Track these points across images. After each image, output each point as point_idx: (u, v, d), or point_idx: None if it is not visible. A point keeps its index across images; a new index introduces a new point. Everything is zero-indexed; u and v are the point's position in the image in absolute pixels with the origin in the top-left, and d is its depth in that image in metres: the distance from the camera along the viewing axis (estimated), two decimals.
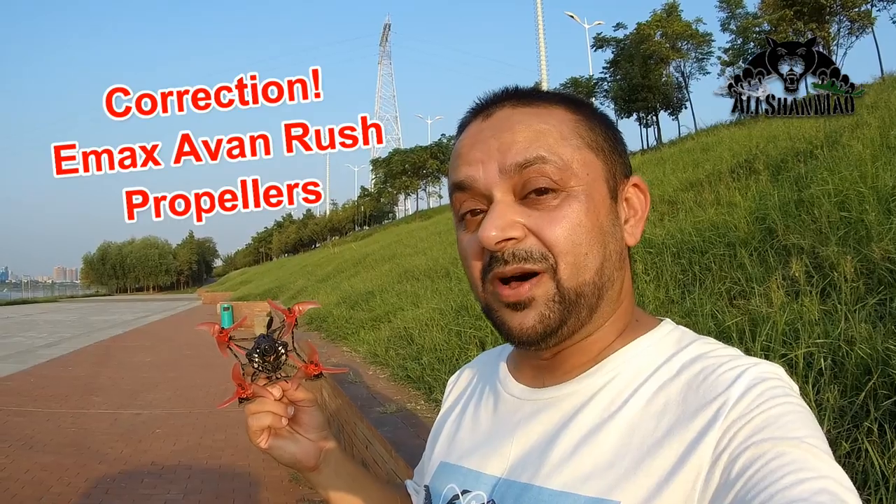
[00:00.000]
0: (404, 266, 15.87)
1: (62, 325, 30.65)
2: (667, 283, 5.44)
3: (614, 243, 0.90)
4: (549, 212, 0.86)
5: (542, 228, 0.85)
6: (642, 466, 0.77)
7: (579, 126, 0.91)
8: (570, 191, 0.86)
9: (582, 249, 0.86)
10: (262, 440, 1.09)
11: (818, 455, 0.68)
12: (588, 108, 0.95)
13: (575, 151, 0.88)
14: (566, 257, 0.85)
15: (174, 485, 6.68)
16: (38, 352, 18.67)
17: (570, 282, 0.86)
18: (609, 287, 0.89)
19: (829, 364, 3.22)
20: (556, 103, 0.93)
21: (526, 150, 0.86)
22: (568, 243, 0.85)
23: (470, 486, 0.96)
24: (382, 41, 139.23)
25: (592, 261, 0.86)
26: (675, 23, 37.12)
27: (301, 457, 1.12)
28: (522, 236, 0.86)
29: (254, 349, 1.06)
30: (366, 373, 7.19)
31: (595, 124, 0.93)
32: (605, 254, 0.88)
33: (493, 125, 0.91)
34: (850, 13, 28.61)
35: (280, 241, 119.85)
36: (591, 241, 0.86)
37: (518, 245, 0.86)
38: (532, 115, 0.90)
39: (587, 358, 0.92)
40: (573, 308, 0.87)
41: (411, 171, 63.85)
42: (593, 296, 0.87)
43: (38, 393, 11.78)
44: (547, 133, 0.88)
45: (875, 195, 4.91)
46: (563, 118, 0.91)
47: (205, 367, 14.64)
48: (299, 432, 1.13)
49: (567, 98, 0.95)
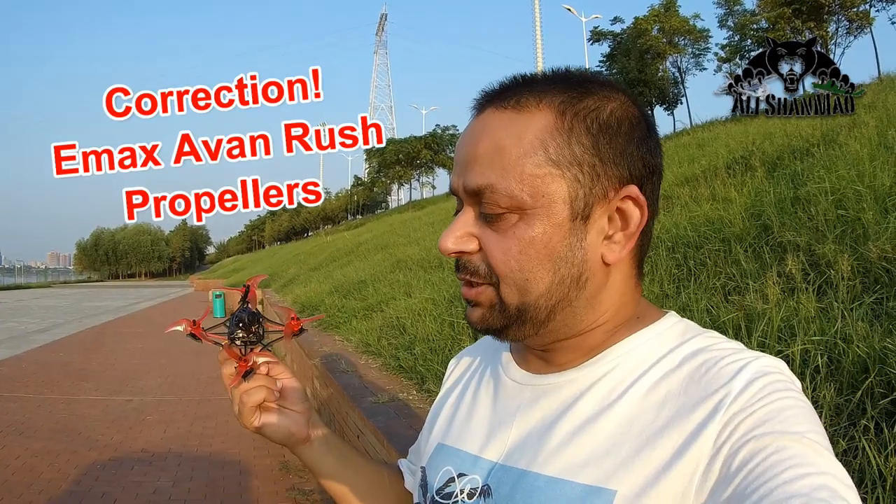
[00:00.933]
0: (397, 256, 15.87)
1: (55, 311, 30.64)
2: (661, 278, 5.44)
3: (568, 268, 0.86)
4: (500, 233, 0.86)
5: (490, 248, 0.87)
6: (640, 456, 0.77)
7: (555, 136, 0.85)
8: (524, 212, 0.85)
9: (524, 275, 0.86)
10: (254, 419, 1.09)
11: (819, 451, 0.68)
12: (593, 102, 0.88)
13: (535, 169, 0.84)
14: (506, 280, 0.86)
15: (164, 472, 6.68)
16: (31, 337, 18.66)
17: (511, 300, 0.87)
18: (564, 306, 0.88)
19: (826, 362, 3.23)
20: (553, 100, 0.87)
21: (479, 175, 0.86)
22: (508, 268, 0.86)
23: (466, 469, 0.96)
24: (379, 31, 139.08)
25: (536, 285, 0.86)
26: (672, 18, 37.13)
27: (294, 429, 1.13)
28: (475, 250, 0.88)
29: (235, 325, 1.07)
30: (358, 362, 7.20)
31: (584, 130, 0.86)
32: (553, 279, 0.86)
33: (473, 128, 0.91)
34: (849, 13, 28.64)
35: (273, 229, 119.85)
36: (537, 267, 0.85)
37: (469, 258, 0.89)
38: (505, 123, 0.86)
39: (588, 347, 0.92)
40: (514, 320, 0.89)
41: (405, 160, 63.83)
42: (541, 312, 0.88)
43: (29, 378, 11.78)
44: (507, 150, 0.85)
45: (872, 194, 4.92)
46: (539, 126, 0.85)
47: (196, 354, 14.63)
48: (285, 406, 1.13)
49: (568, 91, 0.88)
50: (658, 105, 39.72)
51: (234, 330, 1.06)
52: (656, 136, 0.93)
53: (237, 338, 1.06)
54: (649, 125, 0.92)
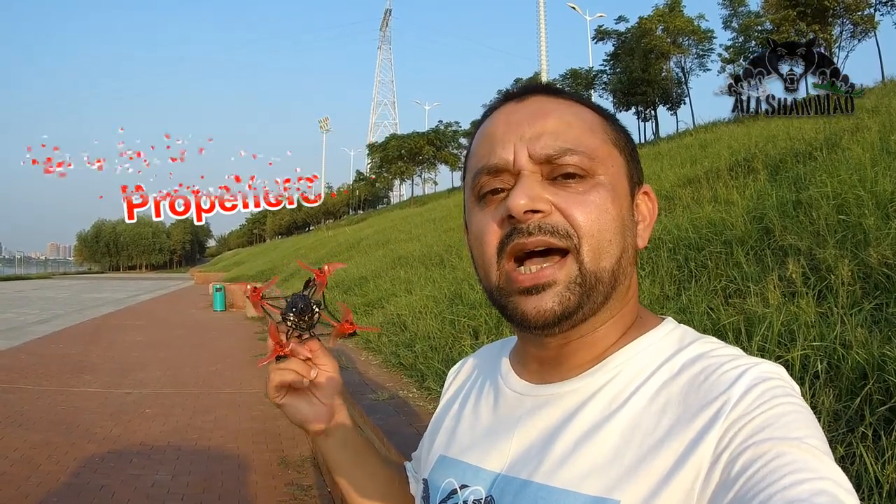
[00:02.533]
0: (398, 252, 15.88)
1: (55, 302, 30.62)
2: (662, 279, 5.45)
3: (632, 238, 0.92)
4: (577, 195, 0.87)
5: (570, 207, 0.86)
6: (643, 465, 0.77)
7: (604, 124, 0.95)
8: (597, 179, 0.88)
9: (606, 235, 0.87)
10: (278, 395, 1.10)
11: (818, 456, 0.68)
12: (608, 114, 0.99)
13: (602, 144, 0.91)
14: (590, 240, 0.86)
15: (163, 465, 6.67)
16: (30, 328, 18.64)
17: (592, 265, 0.86)
18: (623, 279, 0.90)
19: (825, 367, 3.23)
20: (581, 103, 0.96)
21: (555, 141, 0.88)
22: (594, 227, 0.86)
23: (469, 480, 0.96)
24: (383, 26, 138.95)
25: (614, 248, 0.87)
26: (677, 18, 37.13)
27: (312, 418, 1.13)
28: (550, 211, 0.86)
29: (289, 307, 1.07)
30: (358, 358, 7.20)
31: (616, 129, 0.97)
32: (624, 245, 0.89)
33: (526, 109, 0.92)
34: (853, 16, 28.62)
35: (274, 223, 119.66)
36: (614, 230, 0.87)
37: (545, 219, 0.86)
38: (563, 106, 0.93)
39: (592, 355, 0.92)
40: (591, 292, 0.87)
41: (407, 156, 63.82)
42: (609, 284, 0.88)
43: (29, 370, 11.76)
44: (576, 125, 0.90)
45: (874, 200, 4.92)
46: (589, 114, 0.95)
47: (196, 346, 14.65)
48: (315, 395, 1.13)
49: (589, 102, 0.99)
50: (661, 105, 39.72)
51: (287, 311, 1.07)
52: None
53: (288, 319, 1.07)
54: None
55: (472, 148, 0.99)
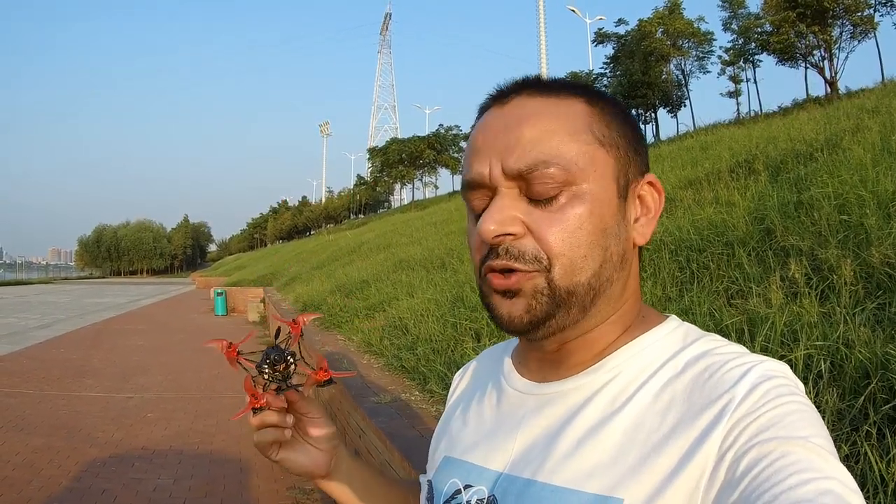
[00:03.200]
0: (399, 255, 15.88)
1: (56, 307, 30.63)
2: (664, 281, 5.44)
3: (616, 245, 0.88)
4: (552, 212, 0.85)
5: (541, 229, 0.85)
6: (646, 464, 0.76)
7: (593, 120, 0.89)
8: (574, 190, 0.85)
9: (580, 252, 0.85)
10: (272, 453, 1.10)
11: (823, 455, 0.67)
12: (607, 101, 0.93)
13: (584, 147, 0.86)
14: (561, 259, 0.84)
15: (165, 469, 6.68)
16: (32, 333, 18.64)
17: (563, 281, 0.85)
18: (607, 288, 0.88)
19: (828, 367, 3.23)
20: (574, 93, 0.91)
21: (529, 154, 0.85)
22: (565, 245, 0.84)
23: (472, 480, 0.95)
24: (383, 30, 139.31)
25: (590, 263, 0.85)
26: (676, 20, 37.16)
27: (312, 467, 1.13)
28: (521, 233, 0.85)
29: (263, 360, 1.07)
30: (360, 362, 7.19)
31: (612, 119, 0.91)
32: (604, 256, 0.87)
33: (505, 114, 0.89)
34: (853, 17, 28.63)
35: (275, 228, 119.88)
36: (591, 244, 0.85)
37: (514, 242, 0.85)
38: (544, 107, 0.88)
39: (591, 353, 0.91)
40: (562, 305, 0.86)
41: (408, 160, 63.95)
42: (587, 296, 0.87)
43: (30, 374, 11.77)
44: (554, 131, 0.86)
45: (875, 200, 4.93)
46: (577, 111, 0.89)
47: (197, 351, 14.64)
48: (309, 442, 1.13)
49: (586, 89, 0.93)
50: (661, 107, 39.76)
51: (262, 364, 1.07)
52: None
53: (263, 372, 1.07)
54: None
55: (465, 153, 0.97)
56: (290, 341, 1.10)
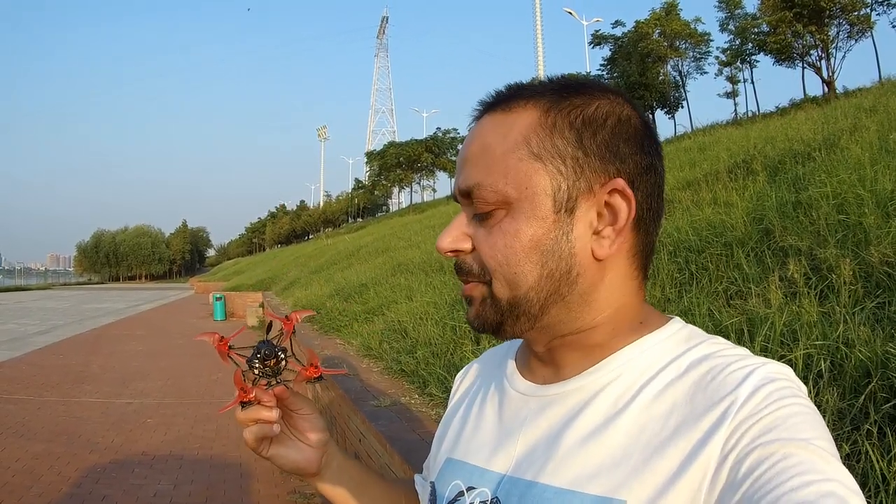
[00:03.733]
0: (398, 259, 15.88)
1: (55, 313, 30.61)
2: (663, 282, 5.44)
3: (556, 261, 0.86)
4: (489, 229, 0.89)
5: (480, 245, 0.90)
6: (649, 465, 0.76)
7: (538, 131, 0.87)
8: (510, 207, 0.87)
9: (511, 269, 0.87)
10: (262, 449, 1.10)
11: (825, 457, 0.67)
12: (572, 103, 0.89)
13: (518, 164, 0.86)
14: (496, 274, 0.88)
15: (165, 475, 6.68)
16: (31, 339, 18.63)
17: (501, 294, 0.89)
18: (556, 300, 0.88)
19: (828, 366, 3.23)
20: (534, 102, 0.89)
21: (468, 176, 0.90)
22: (497, 262, 0.87)
23: (475, 482, 0.96)
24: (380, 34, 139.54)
25: (525, 278, 0.87)
26: (673, 22, 37.21)
27: (303, 464, 1.14)
28: (469, 249, 0.92)
29: (254, 355, 1.08)
30: (359, 365, 7.19)
31: (567, 127, 0.87)
32: (542, 272, 0.86)
33: (468, 136, 0.94)
34: (850, 17, 28.69)
35: (273, 232, 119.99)
36: (524, 260, 0.86)
37: (463, 258, 0.92)
38: (495, 125, 0.90)
39: (590, 354, 0.91)
40: (507, 314, 0.89)
41: (406, 164, 63.98)
42: (533, 306, 0.88)
43: (29, 380, 11.77)
44: (492, 149, 0.88)
45: (874, 199, 4.93)
46: (524, 124, 0.88)
47: (196, 356, 14.64)
48: (300, 439, 1.14)
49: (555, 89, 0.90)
50: (659, 109, 39.80)
51: (252, 359, 1.08)
52: (652, 135, 0.93)
53: (253, 367, 1.07)
54: (644, 123, 0.92)
55: None
56: (283, 337, 1.11)
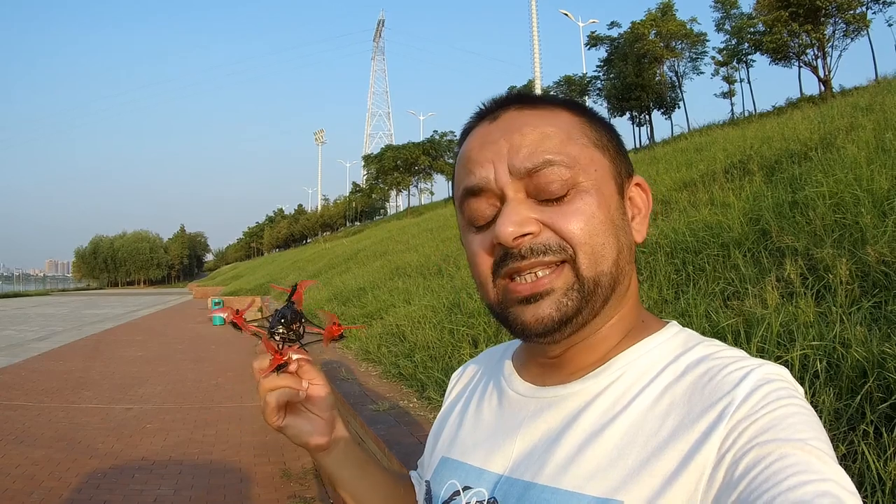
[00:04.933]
0: (396, 263, 15.88)
1: (54, 319, 30.51)
2: (660, 283, 5.45)
3: (625, 237, 0.91)
4: (563, 206, 0.87)
5: (558, 222, 0.87)
6: (647, 466, 0.77)
7: (584, 126, 0.93)
8: (580, 186, 0.88)
9: (599, 240, 0.87)
10: (278, 418, 1.09)
11: (821, 458, 0.68)
12: (588, 112, 0.98)
13: (582, 149, 0.90)
14: (584, 247, 0.86)
15: (165, 480, 6.67)
16: (30, 345, 18.55)
17: (589, 271, 0.86)
18: (622, 279, 0.91)
19: (825, 366, 3.23)
20: (559, 106, 0.95)
21: (534, 154, 0.88)
22: (585, 234, 0.86)
23: (472, 482, 0.96)
24: (376, 37, 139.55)
25: (609, 251, 0.88)
26: (669, 22, 37.27)
27: (314, 435, 1.13)
28: (538, 231, 0.87)
29: (277, 320, 1.09)
30: (358, 369, 7.19)
31: (597, 126, 0.96)
32: (618, 246, 0.89)
33: (501, 127, 0.92)
34: (846, 15, 28.69)
35: (271, 237, 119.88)
36: (605, 233, 0.88)
37: (535, 240, 0.87)
38: (538, 117, 0.91)
39: (593, 358, 0.92)
40: (591, 297, 0.87)
41: (403, 167, 63.92)
42: (609, 286, 0.88)
43: (29, 387, 11.72)
44: (553, 134, 0.89)
45: (870, 198, 4.93)
46: (567, 120, 0.93)
47: (196, 361, 14.62)
48: (312, 411, 1.13)
49: (568, 102, 0.97)
50: (656, 109, 39.84)
51: (275, 325, 1.09)
52: None
53: (277, 332, 1.08)
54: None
55: (454, 177, 0.99)
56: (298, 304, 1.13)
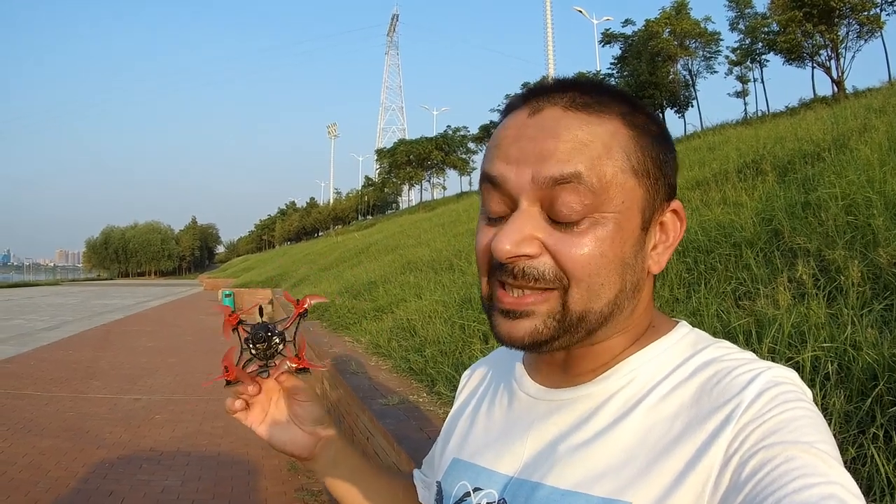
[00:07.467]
0: (407, 257, 15.86)
1: (63, 309, 30.67)
2: (672, 282, 5.44)
3: (632, 275, 0.86)
4: (572, 235, 0.82)
5: (561, 250, 0.82)
6: (654, 467, 0.77)
7: (630, 145, 0.85)
8: (597, 216, 0.82)
9: (599, 279, 0.83)
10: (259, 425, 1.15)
11: (827, 461, 0.68)
12: (645, 118, 0.89)
13: (616, 173, 0.83)
14: (581, 284, 0.82)
15: (172, 471, 6.70)
16: (39, 335, 18.67)
17: (578, 306, 0.83)
18: (617, 315, 0.87)
19: (836, 369, 3.22)
20: (614, 109, 0.87)
21: (564, 163, 0.81)
22: (585, 271, 0.82)
23: (482, 483, 0.96)
24: (390, 31, 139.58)
25: (607, 291, 0.84)
26: (683, 21, 37.11)
27: (291, 447, 1.17)
28: (537, 253, 0.83)
29: (250, 336, 1.09)
30: (368, 363, 7.20)
31: (648, 142, 0.87)
32: (622, 284, 0.85)
33: (538, 124, 0.85)
34: (860, 17, 28.55)
35: (283, 229, 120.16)
36: (609, 273, 0.83)
37: (531, 263, 0.83)
38: (582, 122, 0.84)
39: (602, 360, 0.91)
40: (571, 329, 0.85)
41: (416, 161, 63.90)
42: (597, 322, 0.85)
43: (38, 376, 11.79)
44: (591, 146, 0.82)
45: (883, 200, 4.91)
46: (615, 131, 0.85)
47: (205, 352, 14.67)
48: (295, 423, 1.17)
49: (626, 101, 0.89)
50: (669, 108, 39.70)
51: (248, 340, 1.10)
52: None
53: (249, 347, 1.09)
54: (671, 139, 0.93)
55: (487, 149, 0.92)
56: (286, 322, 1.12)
